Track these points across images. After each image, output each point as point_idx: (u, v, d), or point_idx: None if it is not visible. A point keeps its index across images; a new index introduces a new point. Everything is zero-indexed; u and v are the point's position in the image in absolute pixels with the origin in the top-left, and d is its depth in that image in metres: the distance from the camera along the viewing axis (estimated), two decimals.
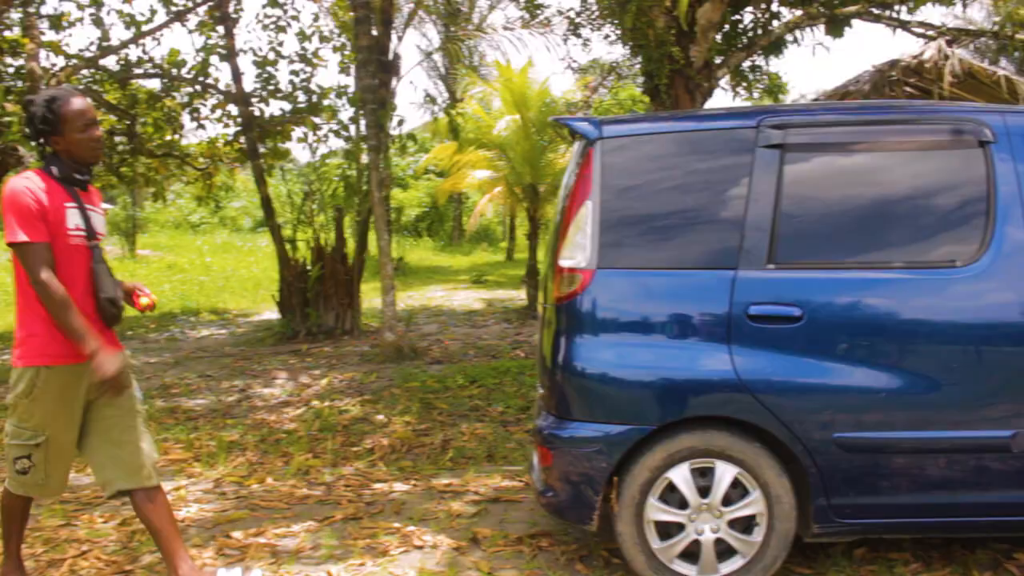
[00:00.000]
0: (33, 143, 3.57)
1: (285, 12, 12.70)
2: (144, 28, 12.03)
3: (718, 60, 9.33)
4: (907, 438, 3.61)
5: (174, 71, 12.43)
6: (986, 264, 3.61)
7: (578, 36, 11.11)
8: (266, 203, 11.93)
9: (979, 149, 3.72)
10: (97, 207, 3.65)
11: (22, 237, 3.30)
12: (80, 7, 11.62)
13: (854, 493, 3.64)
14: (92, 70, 12.09)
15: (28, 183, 3.38)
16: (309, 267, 11.37)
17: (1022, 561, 3.98)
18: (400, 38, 15.56)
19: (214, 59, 12.37)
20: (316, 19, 13.28)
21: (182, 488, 5.33)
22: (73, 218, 3.46)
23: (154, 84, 12.93)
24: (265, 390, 8.44)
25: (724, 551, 3.65)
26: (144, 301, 3.78)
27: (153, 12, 12.05)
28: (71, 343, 3.41)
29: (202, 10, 12.46)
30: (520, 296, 15.94)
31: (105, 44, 11.84)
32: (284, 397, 8.08)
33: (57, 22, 11.48)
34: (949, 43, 11.55)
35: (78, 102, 3.46)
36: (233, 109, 12.62)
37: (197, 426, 6.97)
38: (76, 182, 3.52)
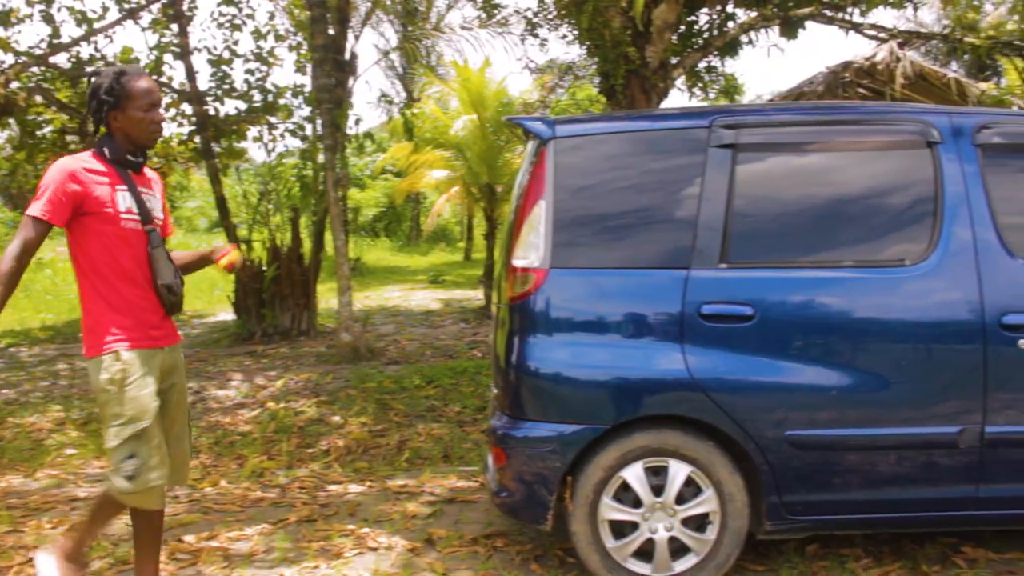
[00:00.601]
0: (91, 117, 3.43)
1: (240, 10, 12.55)
2: (96, 25, 11.82)
3: (674, 61, 9.37)
4: (858, 435, 3.65)
5: None
6: (934, 263, 3.67)
7: (535, 36, 11.11)
8: (221, 203, 11.82)
9: (927, 150, 3.78)
10: (152, 191, 3.52)
11: (34, 212, 3.20)
12: (30, 3, 11.41)
13: (806, 490, 3.68)
14: (42, 68, 11.87)
15: (75, 164, 3.29)
16: (265, 267, 11.26)
17: (969, 554, 4.05)
18: (357, 37, 15.46)
19: (168, 57, 12.21)
20: (272, 17, 13.19)
21: None
22: (124, 201, 3.35)
23: None
24: (220, 392, 8.34)
25: (678, 549, 3.67)
26: (224, 261, 3.62)
27: (105, 9, 11.87)
28: (145, 326, 3.37)
29: (155, 7, 12.28)
30: (477, 296, 15.91)
31: (56, 41, 11.63)
32: (239, 399, 7.99)
33: (6, 18, 11.26)
34: (901, 45, 11.73)
35: (146, 81, 3.37)
36: (187, 108, 12.45)
37: None
38: (129, 164, 3.41)
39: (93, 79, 3.40)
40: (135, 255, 3.38)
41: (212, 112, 12.16)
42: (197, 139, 12.35)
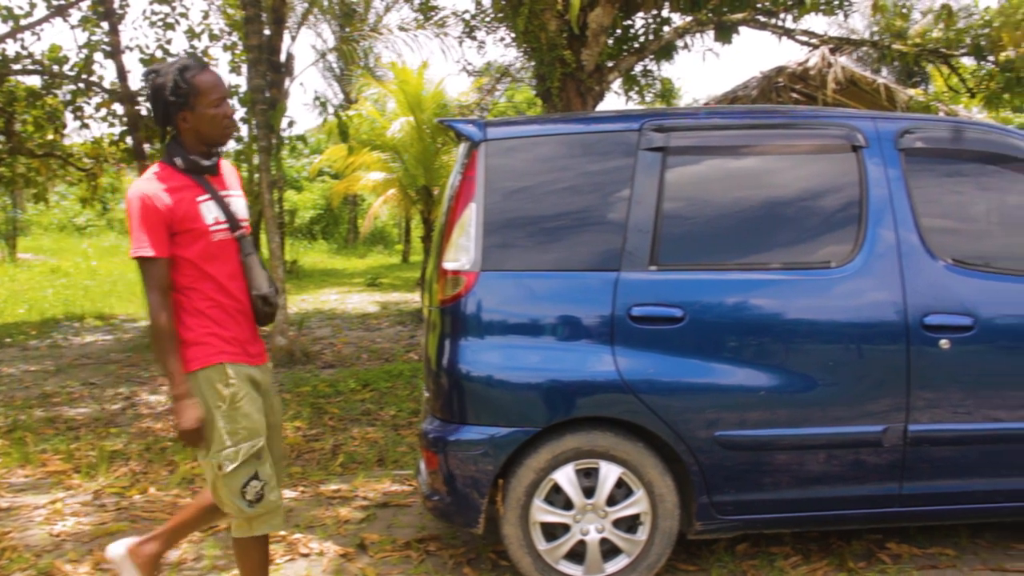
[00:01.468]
0: (157, 121, 3.15)
1: (173, 9, 12.42)
2: (23, 22, 11.57)
3: (610, 64, 9.42)
4: (785, 435, 3.70)
5: (55, 68, 12.00)
6: (859, 265, 3.73)
7: (473, 38, 11.09)
8: None
9: (852, 154, 3.85)
10: (234, 190, 3.26)
11: (142, 252, 2.98)
12: None
13: (735, 490, 3.71)
14: None
15: (151, 186, 3.02)
16: None
17: (894, 550, 4.12)
18: (294, 38, 15.34)
19: (98, 56, 12.00)
20: (206, 17, 12.97)
21: (59, 501, 5.13)
22: (210, 212, 3.10)
23: (34, 81, 12.47)
24: (152, 397, 8.21)
25: (609, 551, 3.69)
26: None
27: (33, 5, 11.63)
28: (246, 343, 3.18)
29: (85, 5, 12.07)
30: (415, 299, 15.87)
31: None
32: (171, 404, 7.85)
33: None
34: (832, 51, 11.94)
35: (211, 74, 3.11)
36: (119, 108, 12.24)
37: (78, 436, 6.72)
38: (204, 169, 3.15)
39: (153, 79, 3.11)
40: (229, 267, 3.16)
41: (144, 112, 11.95)
42: (129, 140, 12.13)
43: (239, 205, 3.26)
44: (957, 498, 3.85)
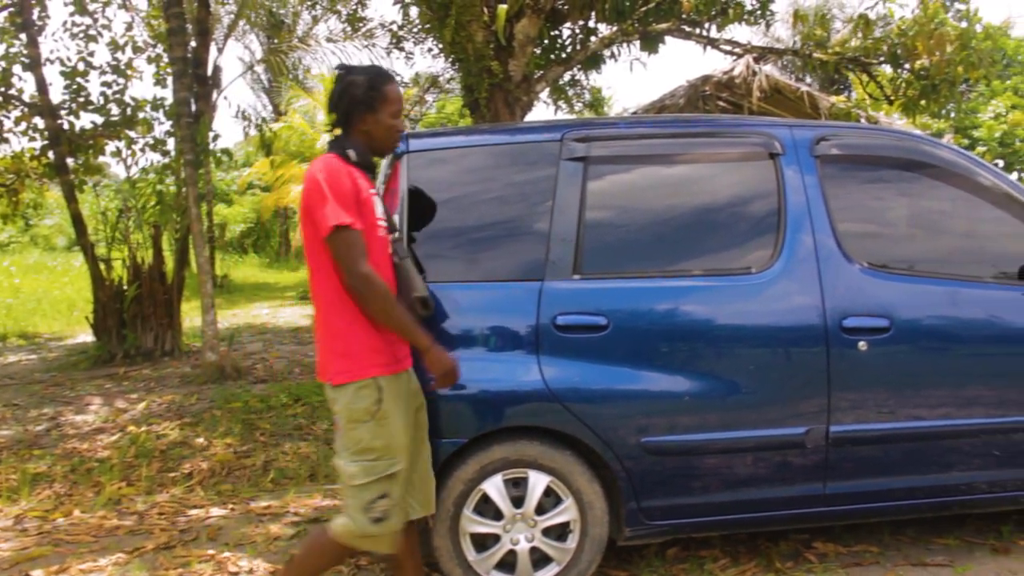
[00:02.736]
0: (337, 115, 3.20)
1: (96, 21, 12.15)
2: None
3: (537, 74, 9.49)
4: (710, 439, 3.75)
5: None
6: (779, 270, 3.80)
7: (401, 50, 11.11)
8: (77, 220, 11.35)
9: (770, 161, 3.92)
10: None
11: (346, 219, 2.93)
12: None
13: (663, 495, 3.75)
14: None
15: (339, 164, 3.03)
16: (125, 287, 10.88)
17: (820, 549, 4.21)
18: (220, 50, 15.20)
19: (17, 68, 11.71)
20: (129, 28, 12.72)
21: None
22: (379, 207, 3.14)
23: None
24: (78, 417, 8.01)
25: (540, 559, 3.69)
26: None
27: None
28: (396, 347, 3.12)
29: (2, 16, 11.78)
30: None
31: None
32: (98, 424, 7.69)
33: None
34: (756, 60, 12.17)
35: (398, 87, 3.21)
36: (39, 122, 11.95)
37: (0, 459, 6.55)
38: (371, 168, 3.20)
39: (346, 76, 3.22)
40: (387, 267, 3.17)
41: (66, 126, 11.70)
42: (51, 154, 11.86)
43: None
44: (879, 496, 3.93)
